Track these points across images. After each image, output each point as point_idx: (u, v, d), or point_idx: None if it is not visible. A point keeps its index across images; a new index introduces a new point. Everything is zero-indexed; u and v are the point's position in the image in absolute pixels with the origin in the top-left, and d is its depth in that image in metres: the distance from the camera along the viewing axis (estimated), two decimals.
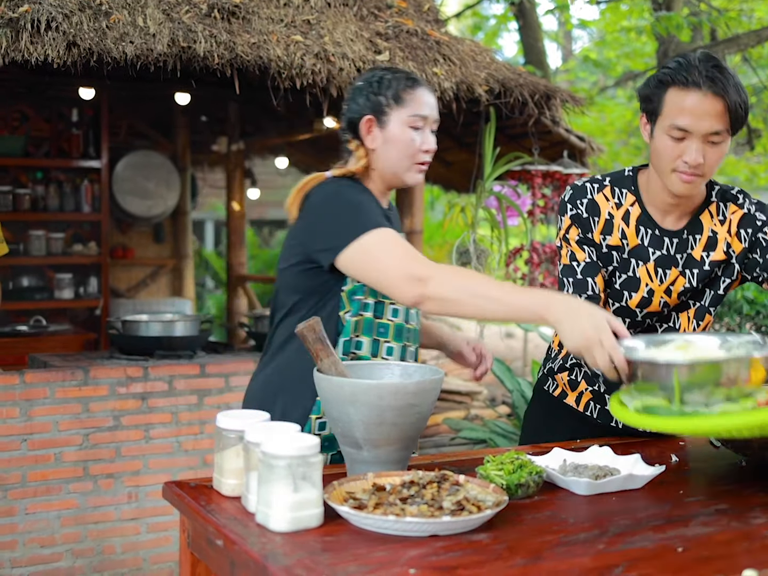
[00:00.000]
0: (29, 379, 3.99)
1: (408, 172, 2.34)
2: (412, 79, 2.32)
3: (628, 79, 11.75)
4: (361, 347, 2.32)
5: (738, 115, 2.18)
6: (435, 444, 5.25)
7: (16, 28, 3.63)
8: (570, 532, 1.69)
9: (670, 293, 2.38)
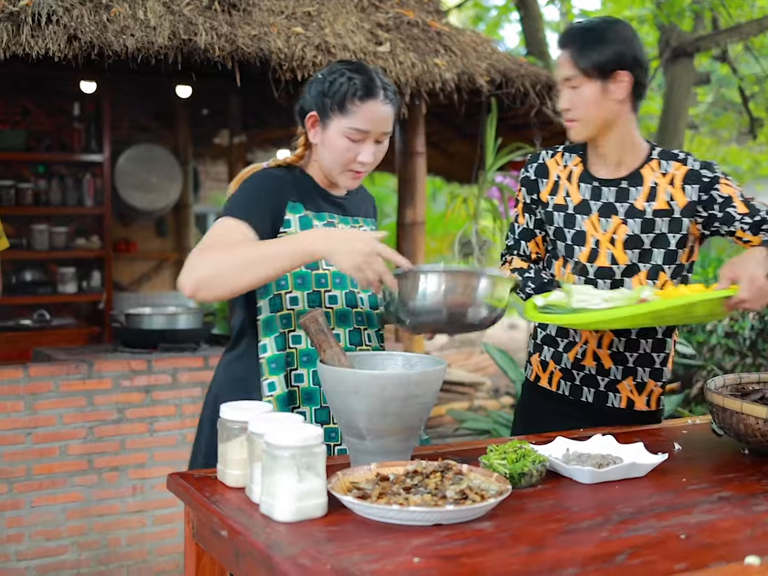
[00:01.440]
0: (33, 372, 4.00)
1: (340, 176, 2.32)
2: (367, 89, 2.24)
3: None
4: (300, 341, 2.29)
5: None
6: (439, 435, 5.26)
7: (17, 21, 3.63)
8: (573, 520, 1.70)
9: (614, 242, 2.53)
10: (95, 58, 3.80)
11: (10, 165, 7.08)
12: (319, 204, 2.35)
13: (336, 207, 2.38)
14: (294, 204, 2.28)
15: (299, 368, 2.29)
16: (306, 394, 2.28)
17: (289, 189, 2.29)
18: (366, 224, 2.48)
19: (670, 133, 8.14)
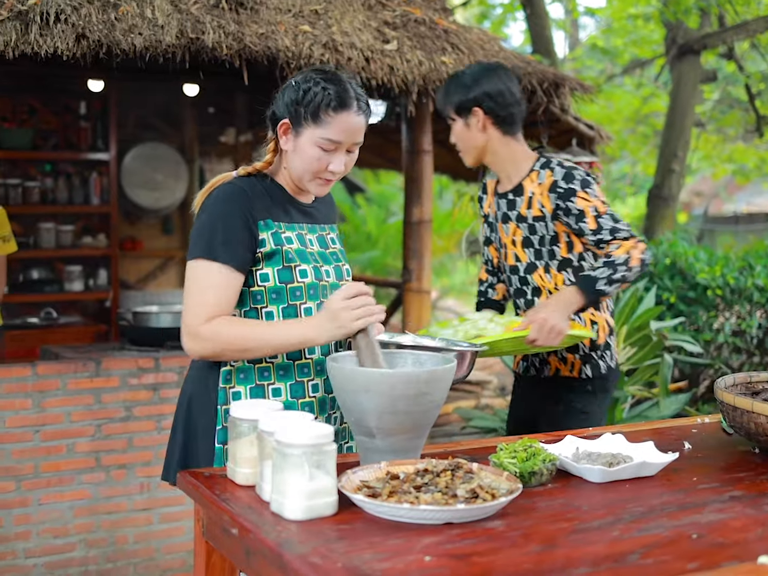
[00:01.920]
0: (41, 370, 4.00)
1: (310, 183, 2.31)
2: (341, 100, 2.23)
3: (636, 66, 11.71)
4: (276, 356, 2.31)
5: None
6: (445, 433, 5.25)
7: (26, 20, 3.63)
8: (584, 519, 1.70)
9: (515, 244, 3.08)
10: (103, 56, 3.80)
11: (17, 163, 7.09)
12: (289, 214, 2.34)
13: (305, 216, 2.39)
14: (265, 222, 2.27)
15: (276, 382, 2.30)
16: (285, 408, 2.29)
17: (256, 206, 2.27)
18: (332, 230, 2.49)
19: (677, 131, 8.13)
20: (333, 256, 2.42)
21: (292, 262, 2.27)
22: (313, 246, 2.36)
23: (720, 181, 16.67)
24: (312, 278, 2.30)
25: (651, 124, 12.84)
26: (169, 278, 8.53)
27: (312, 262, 2.32)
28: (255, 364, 2.29)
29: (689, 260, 6.34)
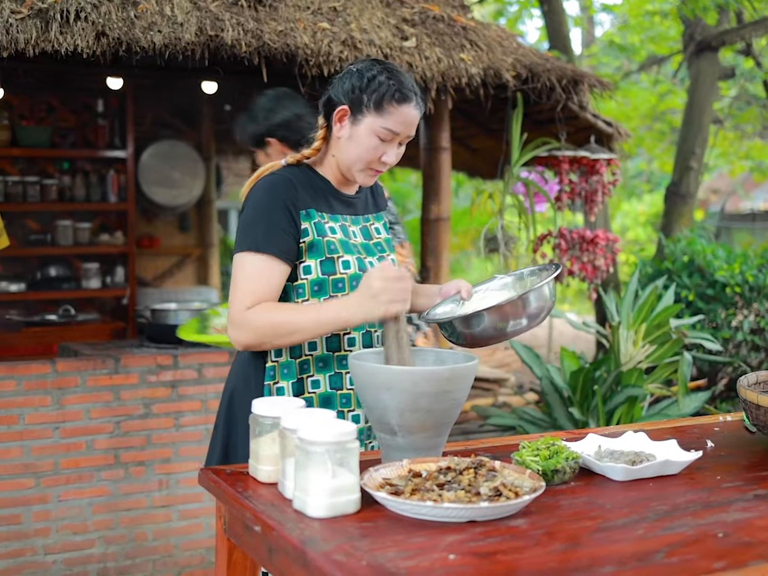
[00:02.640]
0: (61, 367, 4.02)
1: (360, 173, 2.32)
2: (403, 94, 2.25)
3: (653, 63, 11.67)
4: (315, 347, 2.31)
5: None
6: (463, 431, 5.24)
7: (46, 18, 3.64)
8: (608, 518, 1.69)
9: None
10: (123, 54, 3.81)
11: (35, 161, 7.12)
12: (332, 205, 2.35)
13: (348, 207, 2.39)
14: (307, 212, 2.28)
15: (315, 374, 2.31)
16: (323, 399, 2.31)
17: (300, 196, 2.28)
18: (377, 220, 2.48)
19: (695, 128, 8.09)
20: (377, 246, 2.42)
21: (334, 253, 2.27)
22: (356, 237, 2.37)
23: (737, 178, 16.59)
24: (355, 269, 2.29)
25: (667, 121, 12.79)
26: (186, 276, 8.55)
27: (355, 253, 2.32)
28: (296, 359, 2.29)
29: (707, 258, 6.32)
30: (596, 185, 5.20)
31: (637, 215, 17.26)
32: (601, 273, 5.23)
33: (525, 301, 2.17)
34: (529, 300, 2.17)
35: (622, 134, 5.43)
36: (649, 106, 12.26)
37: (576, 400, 4.51)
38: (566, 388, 4.59)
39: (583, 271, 5.19)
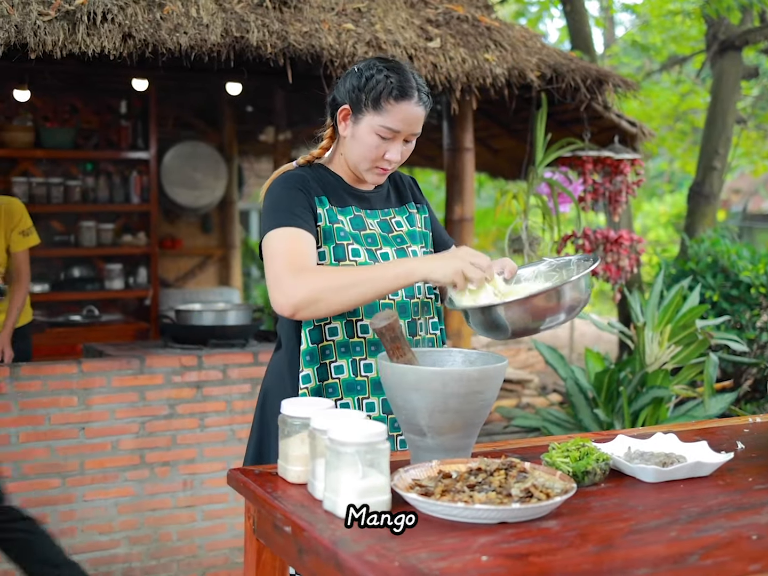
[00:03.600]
0: (86, 368, 4.04)
1: (366, 172, 2.33)
2: (401, 91, 2.24)
3: (675, 63, 11.61)
4: (336, 332, 2.30)
5: None
6: (487, 432, 5.23)
7: (73, 20, 3.65)
8: (640, 519, 1.67)
9: None
10: (149, 55, 3.82)
11: (59, 162, 7.16)
12: (344, 199, 2.36)
13: (362, 202, 2.39)
14: (320, 199, 2.30)
15: (338, 359, 2.30)
16: (346, 385, 2.30)
17: (313, 186, 2.31)
18: (399, 213, 2.47)
19: (718, 128, 8.05)
20: (396, 239, 2.40)
21: (344, 240, 2.28)
22: (372, 229, 2.36)
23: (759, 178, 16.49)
24: (365, 258, 2.29)
25: (689, 121, 12.72)
26: (207, 277, 8.57)
27: (365, 244, 2.32)
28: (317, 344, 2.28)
29: (732, 258, 6.28)
30: (620, 185, 5.18)
31: (658, 216, 17.18)
32: (625, 273, 5.21)
33: (559, 293, 2.08)
34: (563, 292, 2.09)
35: (646, 134, 5.40)
36: (670, 106, 12.20)
37: (601, 401, 4.49)
38: (591, 389, 4.57)
39: (607, 271, 5.17)
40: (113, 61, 3.81)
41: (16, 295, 4.35)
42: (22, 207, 4.49)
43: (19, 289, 4.36)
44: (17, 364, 3.98)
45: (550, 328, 2.17)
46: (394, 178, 2.52)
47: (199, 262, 8.57)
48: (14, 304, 4.34)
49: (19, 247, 4.42)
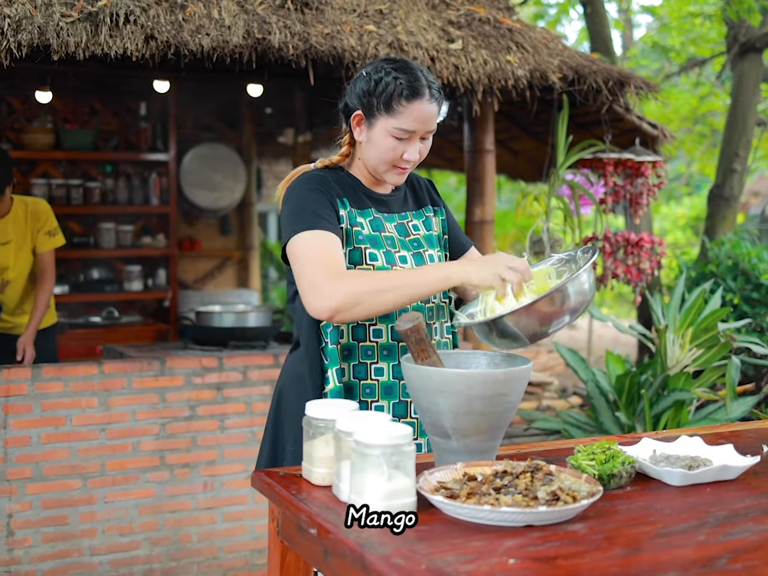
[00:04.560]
0: (107, 369, 4.05)
1: (386, 173, 2.33)
2: (412, 91, 2.24)
3: (694, 65, 11.56)
4: (344, 335, 2.30)
5: None
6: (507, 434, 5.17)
7: (96, 21, 3.66)
8: (667, 523, 1.66)
9: None
10: (172, 57, 3.83)
11: (79, 164, 7.19)
12: (362, 201, 2.36)
13: (380, 205, 2.39)
14: (341, 200, 2.30)
15: (341, 363, 2.31)
16: (346, 389, 2.31)
17: (334, 187, 2.31)
18: (416, 217, 2.47)
19: (738, 130, 8.01)
20: (413, 243, 2.40)
21: (362, 243, 2.28)
22: (391, 233, 2.36)
23: None
24: (382, 262, 2.29)
25: (708, 124, 12.67)
26: (226, 278, 8.59)
27: (385, 247, 2.31)
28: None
29: (752, 261, 6.24)
30: (641, 188, 5.16)
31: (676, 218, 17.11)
32: (646, 276, 5.18)
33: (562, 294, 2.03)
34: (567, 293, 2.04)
35: (667, 136, 5.38)
36: (689, 108, 12.16)
37: (622, 404, 4.48)
38: (612, 392, 4.55)
39: (627, 274, 5.15)
40: (135, 62, 3.82)
41: (40, 296, 4.37)
42: (48, 208, 4.52)
43: (44, 290, 4.38)
44: (39, 366, 3.99)
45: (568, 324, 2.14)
46: (411, 181, 2.52)
47: (218, 264, 8.58)
48: (39, 305, 4.36)
49: (46, 247, 4.45)
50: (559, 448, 2.22)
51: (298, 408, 2.29)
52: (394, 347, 2.31)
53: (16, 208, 4.40)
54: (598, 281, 5.21)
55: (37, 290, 4.40)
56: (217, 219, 8.43)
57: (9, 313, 4.48)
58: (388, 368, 2.31)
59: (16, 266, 4.41)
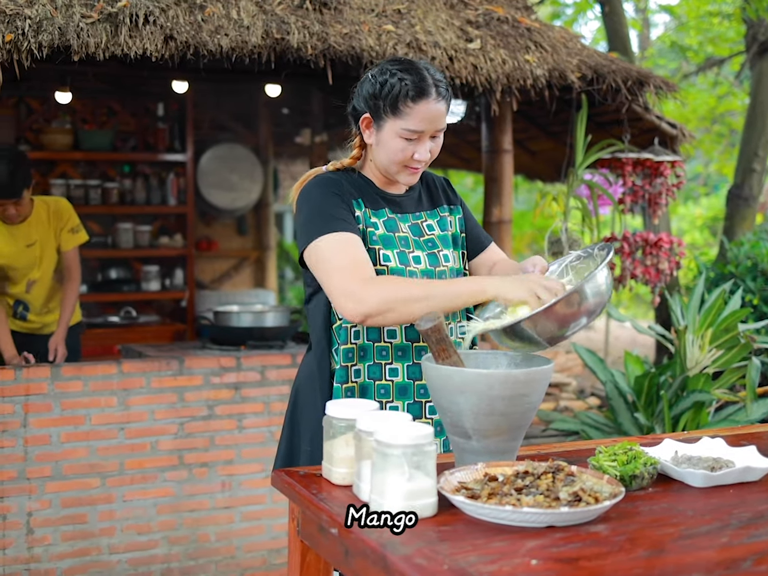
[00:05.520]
0: (126, 368, 4.05)
1: (398, 174, 2.33)
2: (418, 91, 2.23)
3: (713, 65, 11.51)
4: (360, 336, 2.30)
5: None
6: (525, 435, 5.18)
7: (115, 22, 3.68)
8: (690, 524, 1.66)
9: None
10: (191, 57, 3.84)
11: (97, 165, 7.22)
12: (376, 202, 2.36)
13: (394, 206, 2.39)
14: (357, 201, 2.31)
15: (358, 363, 2.31)
16: (362, 388, 2.31)
17: (348, 189, 2.31)
18: (431, 216, 2.46)
19: (758, 130, 7.96)
20: (428, 243, 2.39)
21: (375, 244, 2.28)
22: (404, 233, 2.36)
23: None
24: (396, 263, 2.29)
25: (727, 124, 12.61)
26: (243, 279, 8.60)
27: (399, 247, 2.31)
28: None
29: None
30: (660, 188, 5.13)
31: (693, 219, 17.04)
32: (665, 277, 5.16)
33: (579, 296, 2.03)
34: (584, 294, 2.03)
35: (686, 136, 5.35)
36: (707, 108, 12.11)
37: (641, 405, 4.46)
38: (631, 393, 4.53)
39: (646, 274, 5.13)
40: (154, 63, 3.83)
41: (68, 293, 4.40)
42: (68, 205, 4.54)
43: (72, 288, 4.41)
44: (58, 365, 4.01)
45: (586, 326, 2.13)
46: (426, 180, 2.51)
47: (235, 264, 8.59)
48: (68, 303, 4.39)
49: (70, 245, 4.47)
50: (580, 449, 2.21)
51: (314, 408, 2.30)
52: (409, 348, 2.31)
53: (38, 209, 4.41)
54: (616, 282, 5.19)
55: (64, 288, 4.42)
56: (234, 219, 8.44)
57: (36, 313, 4.50)
58: (402, 369, 2.32)
59: (41, 266, 4.43)
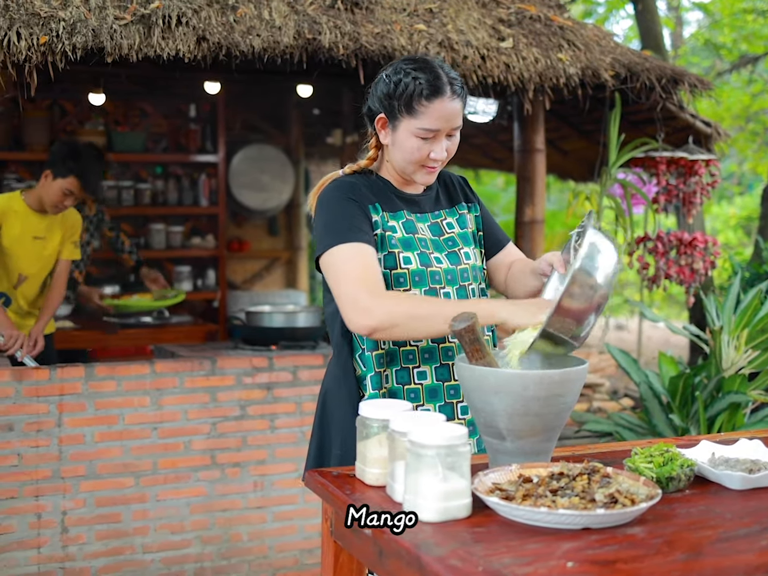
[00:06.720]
0: (159, 368, 4.07)
1: (415, 174, 2.32)
2: (432, 90, 2.22)
3: (747, 62, 11.42)
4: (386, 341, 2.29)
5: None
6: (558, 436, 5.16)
7: (148, 24, 3.69)
8: (728, 527, 1.64)
9: None
10: (223, 58, 3.85)
11: (129, 166, 7.26)
12: (394, 203, 2.35)
13: (412, 205, 2.38)
14: (374, 205, 2.30)
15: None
16: (391, 393, 2.31)
17: (365, 193, 2.30)
18: (450, 215, 2.46)
19: None
20: (447, 242, 2.39)
21: (395, 248, 2.28)
22: (424, 233, 2.36)
23: None
24: (417, 265, 2.28)
25: (761, 122, 12.50)
26: (274, 279, 8.62)
27: (419, 248, 2.31)
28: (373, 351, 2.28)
29: None
30: (694, 187, 5.09)
31: (727, 218, 16.89)
32: (699, 277, 5.12)
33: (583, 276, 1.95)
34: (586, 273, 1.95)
35: (721, 134, 5.30)
36: (741, 106, 12.00)
37: (676, 406, 4.42)
38: (665, 394, 4.49)
39: (680, 274, 5.09)
40: (187, 64, 3.85)
41: (54, 295, 4.45)
42: (80, 220, 4.65)
43: (58, 292, 4.48)
44: (92, 365, 4.03)
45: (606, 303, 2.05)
46: (444, 178, 2.51)
47: (266, 265, 8.61)
48: (51, 303, 4.43)
49: (69, 256, 4.55)
50: (615, 451, 2.19)
51: (342, 411, 2.29)
52: (435, 350, 2.31)
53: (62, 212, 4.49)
54: (650, 282, 5.15)
55: (51, 290, 4.48)
56: (266, 220, 8.45)
57: (15, 311, 4.52)
58: (430, 371, 2.31)
59: (37, 263, 4.47)
